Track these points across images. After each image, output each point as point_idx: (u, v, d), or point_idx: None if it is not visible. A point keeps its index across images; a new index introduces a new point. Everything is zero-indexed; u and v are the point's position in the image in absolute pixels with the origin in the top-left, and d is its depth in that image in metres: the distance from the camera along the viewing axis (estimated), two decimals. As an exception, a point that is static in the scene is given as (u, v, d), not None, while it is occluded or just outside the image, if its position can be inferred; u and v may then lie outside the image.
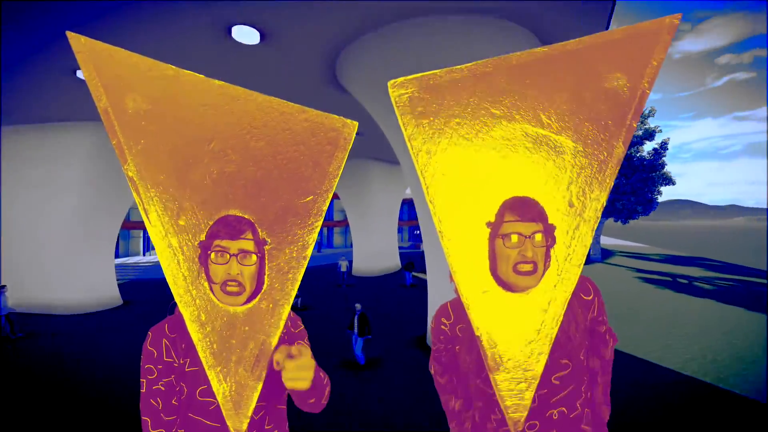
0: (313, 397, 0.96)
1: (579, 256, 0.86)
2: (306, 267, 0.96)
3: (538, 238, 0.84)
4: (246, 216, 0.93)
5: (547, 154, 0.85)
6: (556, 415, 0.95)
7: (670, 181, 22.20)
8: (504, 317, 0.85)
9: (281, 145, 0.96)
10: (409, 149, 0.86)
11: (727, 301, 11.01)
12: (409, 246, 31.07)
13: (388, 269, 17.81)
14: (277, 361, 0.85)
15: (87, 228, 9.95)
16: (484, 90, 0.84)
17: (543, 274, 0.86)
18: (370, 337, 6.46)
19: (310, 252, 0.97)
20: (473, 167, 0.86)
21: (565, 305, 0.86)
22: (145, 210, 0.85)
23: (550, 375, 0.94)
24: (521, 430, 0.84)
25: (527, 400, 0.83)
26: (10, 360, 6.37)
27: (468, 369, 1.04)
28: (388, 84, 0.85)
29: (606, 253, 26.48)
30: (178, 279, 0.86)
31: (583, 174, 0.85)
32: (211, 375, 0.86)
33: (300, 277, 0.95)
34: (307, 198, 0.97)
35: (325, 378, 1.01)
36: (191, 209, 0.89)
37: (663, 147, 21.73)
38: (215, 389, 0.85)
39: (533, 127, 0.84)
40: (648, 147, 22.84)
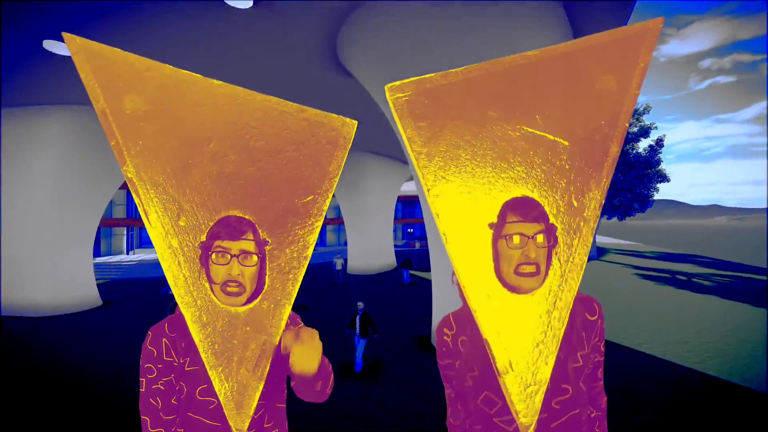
0: (319, 381, 0.95)
1: (581, 256, 0.88)
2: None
3: (540, 238, 0.85)
4: (246, 216, 0.95)
5: (545, 154, 0.87)
6: None
7: (664, 178, 22.34)
8: (510, 320, 0.85)
9: (281, 145, 0.97)
10: (409, 152, 0.87)
11: (731, 298, 11.09)
12: (403, 244, 30.75)
13: (383, 267, 17.38)
14: (285, 345, 0.85)
15: (62, 222, 9.22)
16: (479, 92, 0.86)
17: (546, 275, 0.87)
18: (376, 336, 6.14)
19: (310, 252, 0.98)
20: (473, 169, 0.87)
21: (570, 306, 0.86)
22: (145, 211, 0.85)
23: (550, 399, 0.93)
24: None
25: (537, 404, 0.82)
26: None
27: (467, 389, 1.01)
28: (385, 88, 0.86)
29: (600, 251, 26.76)
30: (179, 280, 0.87)
31: (581, 174, 0.87)
32: (213, 375, 0.87)
33: (301, 277, 0.97)
34: (307, 198, 0.99)
35: (329, 366, 1.02)
36: (191, 210, 0.90)
37: (659, 144, 21.80)
38: (217, 389, 0.86)
39: (529, 129, 0.87)
40: (643, 144, 22.89)
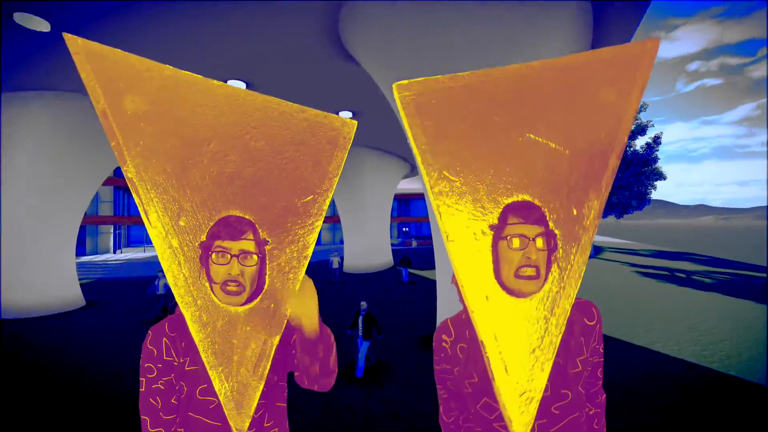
0: (320, 345, 0.94)
1: (579, 264, 0.88)
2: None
3: (540, 241, 0.86)
4: (246, 216, 0.95)
5: (546, 162, 0.88)
6: None
7: (661, 176, 22.30)
8: (507, 323, 0.85)
9: (281, 145, 0.98)
10: (414, 150, 0.89)
11: (736, 295, 11.14)
12: (399, 243, 30.38)
13: (380, 266, 16.98)
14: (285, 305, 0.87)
15: (42, 219, 8.66)
16: (485, 97, 0.88)
17: (545, 279, 0.87)
18: (381, 337, 5.85)
19: (310, 252, 0.99)
20: (476, 170, 0.88)
21: (568, 313, 0.86)
22: (145, 211, 0.85)
23: (550, 405, 0.92)
24: None
25: (531, 413, 0.81)
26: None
27: (466, 394, 1.00)
28: (393, 86, 0.87)
29: (597, 250, 26.82)
30: (179, 280, 0.88)
31: (581, 183, 0.88)
32: (213, 375, 0.87)
33: (301, 277, 0.98)
34: (307, 198, 1.00)
35: (331, 336, 1.00)
36: (191, 210, 0.90)
37: (656, 141, 21.75)
38: (217, 389, 0.86)
39: (532, 136, 0.88)
40: (641, 142, 22.82)
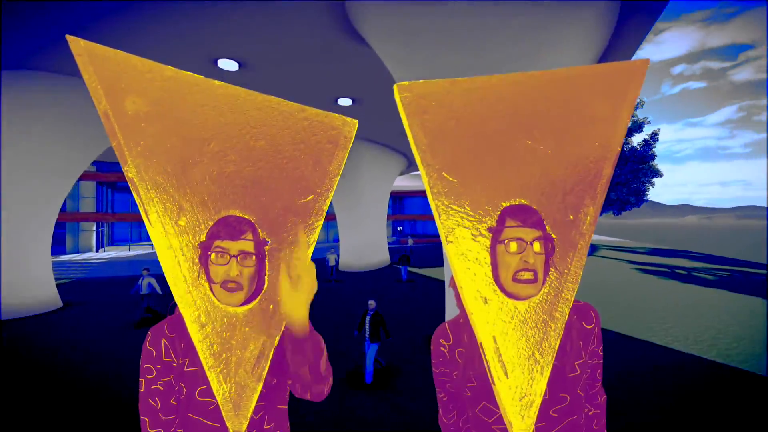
0: (309, 344, 0.92)
1: (577, 268, 0.89)
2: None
3: (537, 245, 0.87)
4: (246, 216, 0.96)
5: (543, 168, 0.91)
6: None
7: (657, 173, 22.21)
8: (506, 327, 0.86)
9: (281, 145, 0.99)
10: (413, 148, 0.90)
11: (741, 292, 11.21)
12: (394, 241, 29.86)
13: (377, 264, 16.45)
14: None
15: (11, 214, 7.86)
16: (485, 102, 0.90)
17: (543, 283, 0.88)
18: (390, 340, 5.55)
19: (311, 252, 0.99)
20: (475, 172, 0.90)
21: (566, 318, 0.87)
22: (146, 211, 0.86)
23: (548, 408, 0.92)
24: None
25: (532, 417, 0.81)
26: None
27: (465, 398, 1.00)
28: (394, 87, 0.90)
29: (591, 248, 26.63)
30: (178, 280, 0.88)
31: (577, 190, 0.91)
32: (211, 376, 0.88)
33: None
34: (308, 197, 1.01)
35: (321, 341, 0.98)
36: (191, 210, 0.91)
37: (653, 138, 21.65)
38: (215, 390, 0.88)
39: (529, 142, 0.90)
40: (637, 138, 22.68)
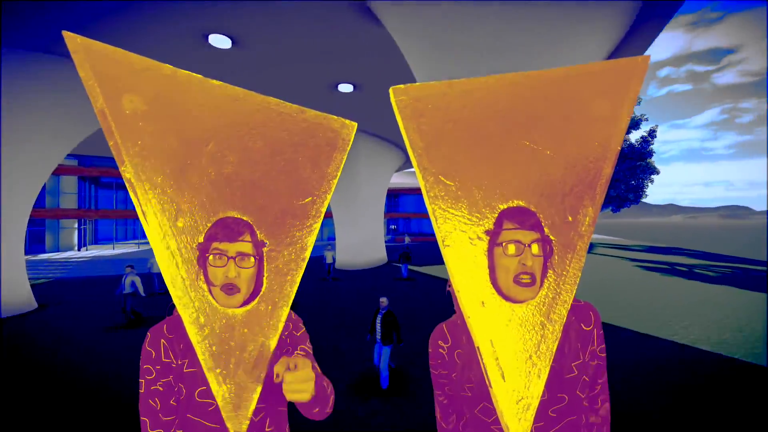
0: (317, 407, 0.99)
1: (575, 270, 0.89)
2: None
3: (535, 247, 0.87)
4: (244, 218, 0.96)
5: (542, 169, 0.91)
6: None
7: (654, 170, 22.14)
8: (503, 329, 0.86)
9: (279, 146, 0.99)
10: (409, 152, 0.91)
11: (748, 288, 11.27)
12: (389, 240, 29.34)
13: (375, 262, 15.94)
14: (277, 374, 0.87)
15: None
16: (482, 104, 0.91)
17: (541, 285, 0.89)
18: (402, 345, 4.95)
19: (308, 254, 1.00)
20: (472, 175, 0.91)
21: (564, 320, 0.88)
22: (143, 212, 0.86)
23: (546, 408, 0.93)
24: None
25: (529, 420, 0.82)
26: None
27: (464, 398, 1.01)
28: (390, 90, 0.90)
29: (589, 246, 26.45)
30: (176, 281, 0.89)
31: (576, 191, 0.91)
32: (211, 377, 0.89)
33: (299, 279, 0.99)
34: (306, 199, 1.01)
35: (329, 387, 1.04)
36: (189, 211, 0.91)
37: (651, 135, 21.57)
38: (215, 391, 0.88)
39: (527, 143, 0.91)
40: (635, 135, 22.58)
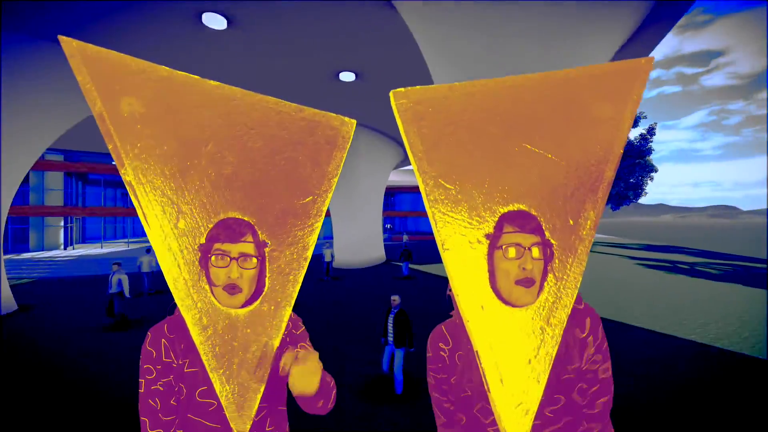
0: (321, 401, 1.00)
1: (576, 274, 0.89)
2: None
3: (536, 251, 0.88)
4: (245, 218, 0.97)
5: (543, 172, 0.92)
6: None
7: (653, 168, 22.11)
8: (503, 333, 0.86)
9: (279, 146, 0.99)
10: (410, 156, 0.92)
11: (754, 285, 11.37)
12: (386, 238, 28.96)
13: (373, 260, 15.63)
14: (284, 366, 0.89)
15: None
16: (483, 107, 0.91)
17: (541, 289, 0.89)
18: (413, 350, 4.51)
19: (310, 253, 1.01)
20: (473, 179, 0.91)
21: (564, 324, 0.88)
22: (144, 214, 0.87)
23: (543, 408, 0.94)
24: None
25: (527, 425, 0.82)
26: None
27: (463, 400, 1.01)
28: (390, 93, 0.91)
29: (588, 245, 26.43)
30: (178, 282, 0.89)
31: (577, 194, 0.91)
32: (214, 377, 0.90)
33: (301, 279, 1.00)
34: (307, 199, 1.01)
35: (331, 381, 1.06)
36: (190, 212, 0.91)
37: (650, 132, 21.51)
38: (218, 391, 0.89)
39: (528, 146, 0.92)
40: (634, 133, 22.50)
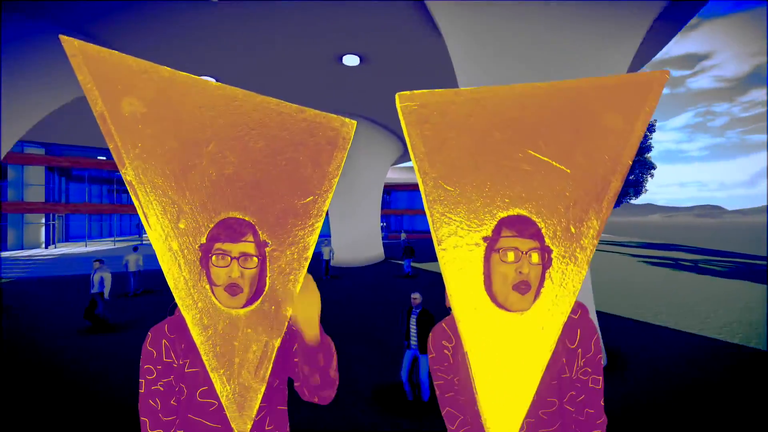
0: (320, 353, 0.97)
1: (574, 282, 0.90)
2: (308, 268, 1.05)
3: (534, 256, 0.88)
4: (246, 218, 0.98)
5: (546, 179, 0.93)
6: None
7: (652, 165, 22.07)
8: (495, 337, 0.87)
9: (280, 146, 1.00)
10: (411, 157, 0.93)
11: (761, 281, 11.53)
12: (382, 237, 28.49)
13: (372, 259, 15.25)
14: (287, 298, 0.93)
15: None
16: (488, 113, 0.92)
17: (537, 295, 0.89)
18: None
19: (311, 253, 1.02)
20: (474, 182, 0.93)
21: (559, 332, 0.88)
22: (145, 214, 0.88)
23: (537, 410, 0.95)
24: None
25: (515, 429, 0.82)
26: None
27: (465, 401, 1.02)
28: (396, 96, 0.92)
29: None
30: (179, 283, 0.90)
31: (581, 203, 0.92)
32: (215, 377, 0.91)
33: (302, 279, 1.01)
34: (307, 199, 1.02)
35: (331, 343, 1.04)
36: (191, 212, 0.92)
37: (650, 129, 21.44)
38: (219, 391, 0.91)
39: (533, 153, 0.92)
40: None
